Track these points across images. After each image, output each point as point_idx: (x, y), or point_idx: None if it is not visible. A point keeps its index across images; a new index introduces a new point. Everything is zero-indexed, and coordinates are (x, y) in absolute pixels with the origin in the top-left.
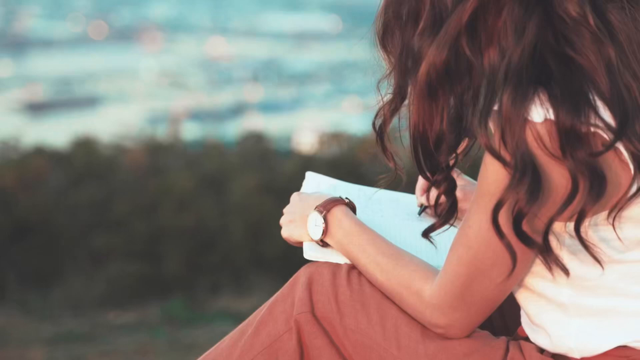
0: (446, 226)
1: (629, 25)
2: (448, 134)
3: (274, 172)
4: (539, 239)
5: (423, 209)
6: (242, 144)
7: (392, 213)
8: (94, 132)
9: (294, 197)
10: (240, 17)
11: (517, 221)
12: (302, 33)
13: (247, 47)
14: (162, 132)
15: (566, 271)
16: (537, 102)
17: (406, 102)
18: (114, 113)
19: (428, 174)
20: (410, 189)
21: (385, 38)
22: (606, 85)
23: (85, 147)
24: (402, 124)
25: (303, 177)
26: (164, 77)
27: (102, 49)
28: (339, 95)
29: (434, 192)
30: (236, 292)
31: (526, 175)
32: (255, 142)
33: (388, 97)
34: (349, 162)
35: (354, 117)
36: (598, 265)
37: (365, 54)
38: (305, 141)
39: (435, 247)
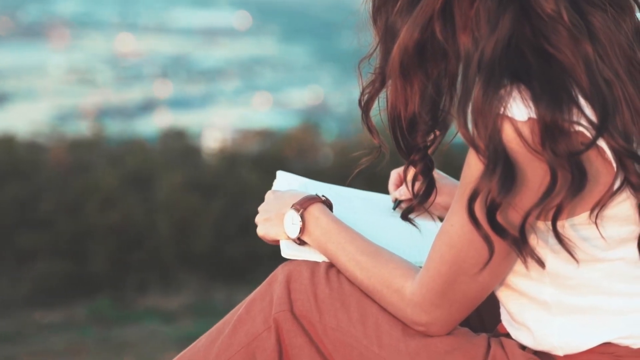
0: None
1: (611, 28)
2: (422, 116)
3: (198, 169)
4: (515, 231)
5: (397, 203)
6: (164, 140)
7: (365, 210)
8: (6, 129)
9: (269, 195)
10: (148, 13)
11: (490, 211)
12: (211, 29)
13: (155, 43)
14: (72, 129)
15: (541, 264)
16: (519, 99)
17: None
18: (22, 110)
19: (405, 153)
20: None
21: (375, 17)
22: (585, 81)
23: (4, 144)
24: (382, 103)
25: (228, 174)
26: (72, 73)
27: (8, 46)
28: (249, 91)
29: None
30: (164, 290)
31: (498, 165)
32: (177, 139)
33: (372, 76)
34: (274, 158)
35: (264, 113)
36: (582, 264)
37: (274, 50)
38: (217, 137)
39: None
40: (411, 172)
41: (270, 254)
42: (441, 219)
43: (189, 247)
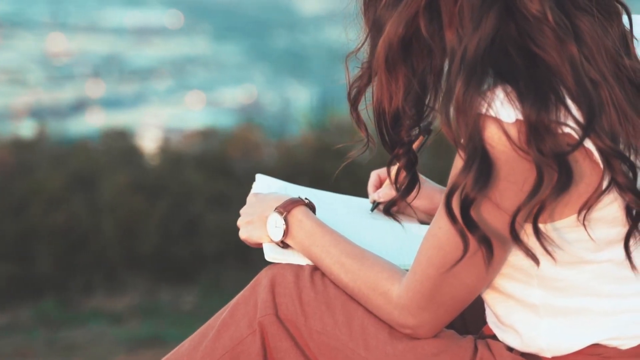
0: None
1: (598, 32)
2: (407, 111)
3: (142, 169)
4: (492, 230)
5: (376, 205)
6: (105, 140)
7: (347, 213)
8: None
9: (251, 197)
10: (79, 13)
11: (464, 205)
12: (142, 28)
13: (87, 43)
14: (5, 130)
15: (537, 261)
16: (506, 100)
17: None
18: None
19: (389, 147)
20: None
21: (364, 10)
22: (571, 82)
23: None
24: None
25: (172, 174)
26: (2, 73)
27: None
28: (182, 90)
29: (386, 190)
30: (109, 291)
31: (475, 162)
32: (119, 139)
33: (360, 71)
34: (218, 157)
35: (197, 112)
36: (570, 266)
37: (206, 49)
38: (157, 137)
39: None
40: (395, 166)
41: (216, 255)
42: (421, 221)
43: (135, 248)
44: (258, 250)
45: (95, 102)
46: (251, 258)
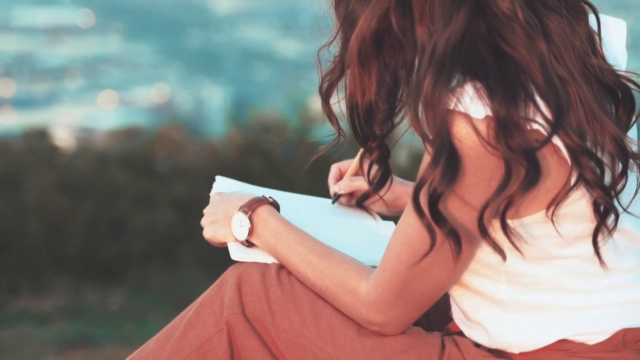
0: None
1: (566, 31)
2: (380, 105)
3: (66, 169)
4: (470, 224)
5: (337, 197)
6: (26, 140)
7: (308, 211)
8: None
9: (214, 197)
10: None
11: (432, 199)
12: (54, 27)
13: None
14: None
15: (503, 255)
16: (475, 96)
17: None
18: None
19: (362, 141)
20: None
21: (336, 4)
22: (540, 79)
23: None
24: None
25: (97, 175)
26: None
27: None
28: (94, 89)
29: (347, 181)
30: (35, 292)
31: (443, 156)
32: (40, 139)
33: (332, 64)
34: (143, 157)
35: (110, 111)
36: (537, 261)
37: (119, 48)
38: (63, 137)
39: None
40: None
41: (142, 255)
42: (380, 214)
43: (60, 249)
44: (184, 250)
45: (6, 102)
46: (177, 258)
